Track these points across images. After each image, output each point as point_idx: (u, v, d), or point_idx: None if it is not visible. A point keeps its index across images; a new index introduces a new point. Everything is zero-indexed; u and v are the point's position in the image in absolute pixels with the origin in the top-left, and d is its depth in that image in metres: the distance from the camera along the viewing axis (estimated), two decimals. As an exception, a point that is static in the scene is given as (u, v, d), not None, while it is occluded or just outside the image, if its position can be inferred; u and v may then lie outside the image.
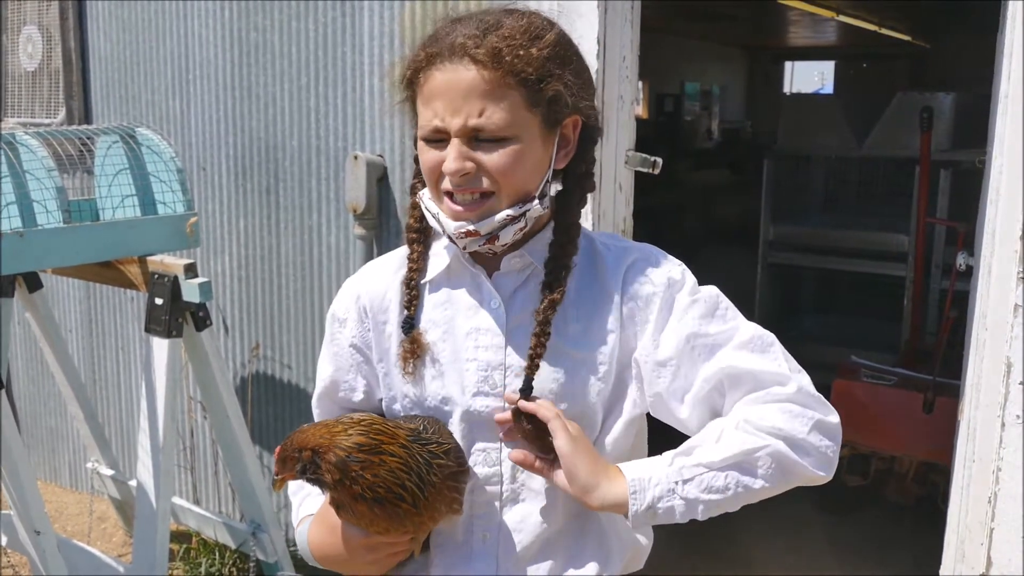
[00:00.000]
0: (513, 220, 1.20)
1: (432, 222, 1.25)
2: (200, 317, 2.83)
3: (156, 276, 2.72)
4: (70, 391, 3.45)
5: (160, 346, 2.73)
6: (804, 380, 1.20)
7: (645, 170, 2.56)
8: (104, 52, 3.69)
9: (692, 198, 9.81)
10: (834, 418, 1.17)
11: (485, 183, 1.18)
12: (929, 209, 4.58)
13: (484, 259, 1.27)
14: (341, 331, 1.35)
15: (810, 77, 18.35)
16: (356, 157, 2.96)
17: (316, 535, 1.28)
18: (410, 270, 1.30)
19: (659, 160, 2.52)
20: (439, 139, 1.18)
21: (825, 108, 6.07)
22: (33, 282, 3.19)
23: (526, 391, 1.21)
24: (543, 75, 1.16)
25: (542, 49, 1.16)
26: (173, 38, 3.45)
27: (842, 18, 8.65)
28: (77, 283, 3.94)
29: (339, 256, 3.17)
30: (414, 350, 1.26)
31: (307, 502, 1.35)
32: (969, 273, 2.44)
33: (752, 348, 1.20)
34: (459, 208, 1.19)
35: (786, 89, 14.43)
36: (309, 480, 1.17)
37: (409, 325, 1.28)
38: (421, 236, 1.31)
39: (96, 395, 4.01)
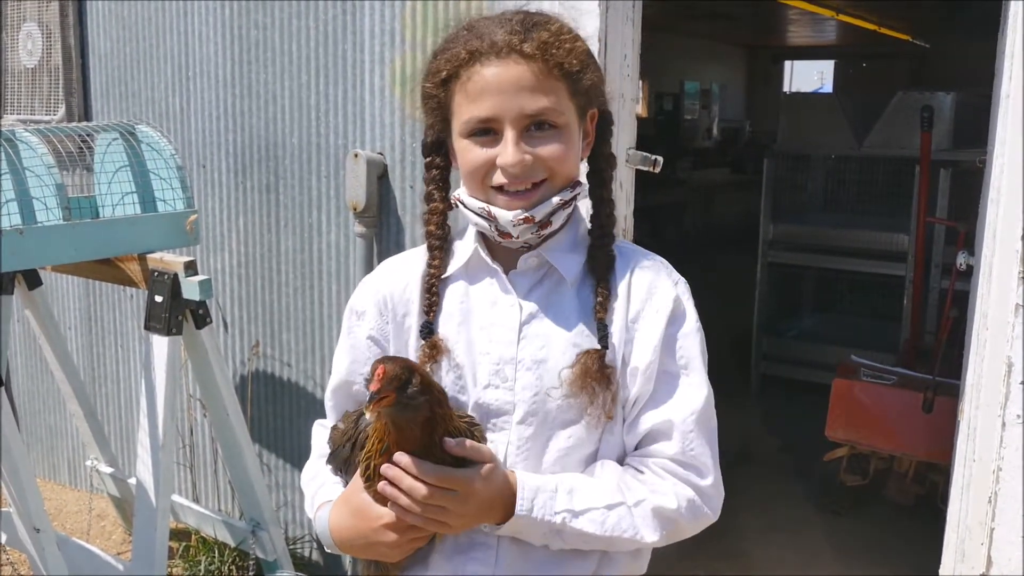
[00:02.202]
0: (565, 205, 1.27)
1: (477, 220, 1.28)
2: (200, 315, 2.83)
3: (156, 273, 2.71)
4: (69, 388, 3.45)
5: (160, 344, 2.73)
6: (717, 476, 1.30)
7: (645, 168, 2.56)
8: (104, 49, 3.69)
9: (692, 197, 9.82)
10: (713, 517, 1.31)
11: (540, 174, 1.24)
12: (929, 209, 4.58)
13: (501, 257, 1.31)
14: (359, 324, 1.37)
15: (810, 76, 18.31)
16: (356, 155, 2.95)
17: (338, 518, 1.28)
18: (430, 275, 1.33)
19: (659, 159, 2.52)
20: (487, 132, 1.22)
21: (825, 107, 6.06)
22: (33, 279, 3.19)
23: (603, 340, 1.26)
24: (583, 68, 1.23)
25: (580, 43, 1.25)
26: (173, 35, 3.44)
27: (842, 17, 8.65)
28: (77, 280, 3.94)
29: (339, 254, 3.17)
30: (433, 355, 1.29)
31: (323, 490, 1.36)
32: (969, 273, 2.44)
33: (699, 422, 1.28)
34: (514, 197, 1.24)
35: (786, 88, 14.42)
36: (407, 401, 1.14)
37: (428, 330, 1.31)
38: (441, 241, 1.34)
39: (95, 393, 4.01)
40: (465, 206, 1.29)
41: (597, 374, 1.25)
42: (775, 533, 3.90)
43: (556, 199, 1.25)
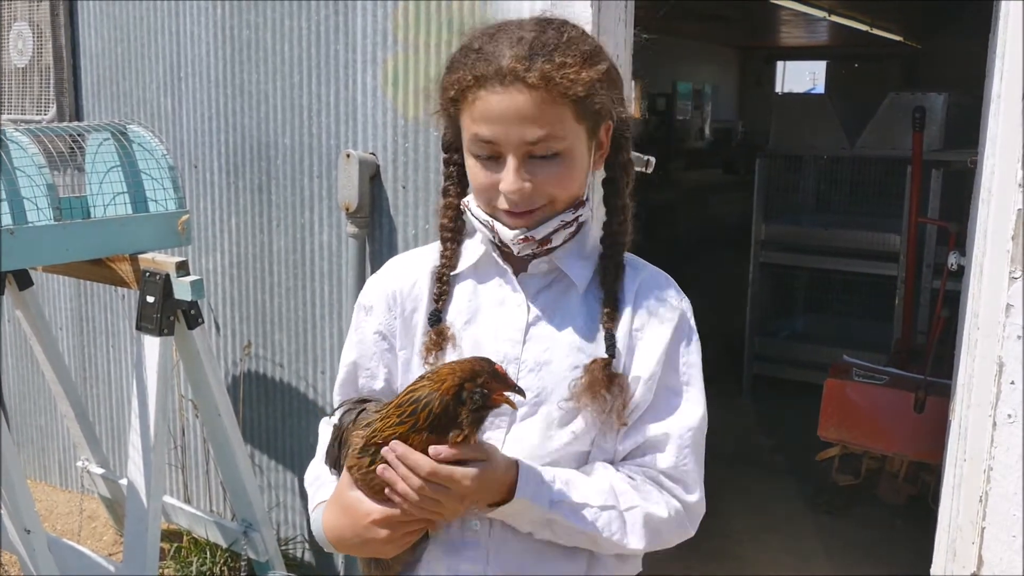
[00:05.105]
0: (566, 225, 1.28)
1: (482, 229, 1.31)
2: (192, 315, 2.82)
3: (147, 274, 2.71)
4: (60, 389, 3.44)
5: (151, 344, 2.73)
6: (701, 494, 1.33)
7: (638, 169, 2.55)
8: (95, 49, 3.68)
9: (684, 197, 9.84)
10: (692, 532, 1.35)
11: (541, 200, 1.25)
12: (921, 209, 4.60)
13: (512, 258, 1.32)
14: (367, 319, 1.39)
15: (802, 77, 18.37)
16: (348, 155, 2.95)
17: (330, 518, 1.28)
18: (443, 265, 1.35)
19: (652, 159, 2.52)
20: (491, 156, 1.23)
21: (817, 108, 6.08)
22: (23, 280, 3.18)
23: (610, 349, 1.27)
24: (590, 93, 1.21)
25: (588, 70, 1.21)
26: (165, 35, 3.43)
27: (834, 18, 8.67)
28: (68, 281, 3.92)
29: (331, 254, 3.17)
30: (439, 342, 1.31)
31: (321, 491, 1.36)
32: (960, 273, 2.45)
33: (695, 439, 1.31)
34: (517, 216, 1.25)
35: (778, 89, 14.46)
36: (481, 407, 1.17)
37: (436, 318, 1.33)
38: (454, 235, 1.36)
39: (86, 393, 4.00)
40: (472, 214, 1.32)
41: (606, 382, 1.26)
42: (767, 533, 3.91)
43: (557, 220, 1.26)
